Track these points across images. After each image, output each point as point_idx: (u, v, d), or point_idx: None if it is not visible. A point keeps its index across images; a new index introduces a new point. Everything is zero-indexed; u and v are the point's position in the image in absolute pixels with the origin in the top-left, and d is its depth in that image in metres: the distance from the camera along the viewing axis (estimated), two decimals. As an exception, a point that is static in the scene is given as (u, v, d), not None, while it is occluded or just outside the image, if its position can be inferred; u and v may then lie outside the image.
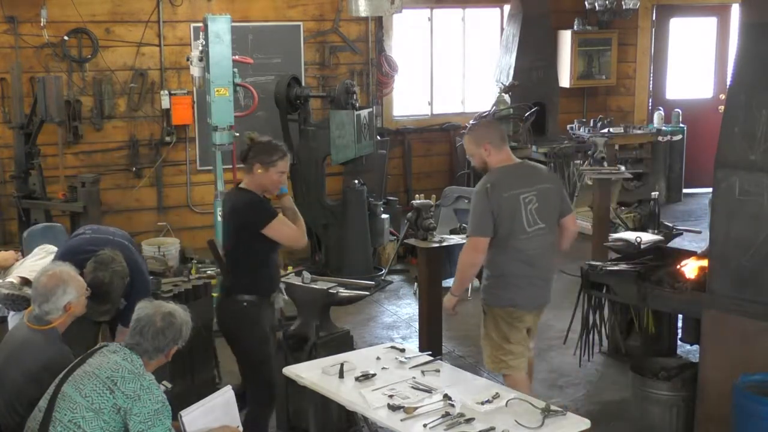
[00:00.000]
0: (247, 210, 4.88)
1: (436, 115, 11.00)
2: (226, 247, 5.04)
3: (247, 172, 4.94)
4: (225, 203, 5.08)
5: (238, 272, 4.94)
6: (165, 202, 9.29)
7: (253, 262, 4.91)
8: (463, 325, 7.60)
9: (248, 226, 4.86)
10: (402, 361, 4.65)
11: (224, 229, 5.05)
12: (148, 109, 9.11)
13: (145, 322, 3.87)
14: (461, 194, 8.92)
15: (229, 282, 4.99)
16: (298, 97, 8.81)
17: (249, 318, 4.89)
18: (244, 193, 4.93)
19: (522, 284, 4.97)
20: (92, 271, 4.61)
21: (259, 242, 4.85)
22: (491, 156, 5.02)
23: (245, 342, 4.95)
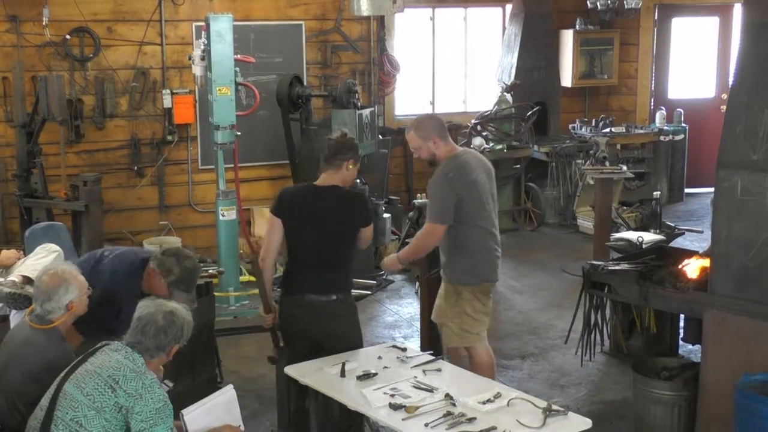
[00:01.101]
0: (363, 206, 4.93)
1: (438, 114, 10.97)
2: (321, 245, 4.83)
3: (336, 170, 4.86)
4: (325, 200, 4.85)
5: (347, 272, 4.93)
6: (166, 201, 9.29)
7: (351, 260, 4.94)
8: (464, 325, 7.60)
9: (360, 222, 4.87)
10: (403, 360, 4.66)
11: (323, 226, 4.82)
12: (149, 108, 9.11)
13: (147, 320, 3.87)
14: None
15: (335, 282, 4.86)
16: (300, 97, 8.81)
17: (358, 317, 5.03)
18: (346, 189, 4.90)
19: (492, 258, 5.38)
20: (176, 264, 4.63)
21: (355, 240, 4.90)
22: (440, 148, 5.27)
23: (358, 340, 4.99)
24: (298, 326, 4.84)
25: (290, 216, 4.85)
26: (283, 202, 4.91)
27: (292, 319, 4.85)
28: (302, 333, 4.84)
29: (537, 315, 7.83)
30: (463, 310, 5.37)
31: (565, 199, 10.60)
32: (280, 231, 4.87)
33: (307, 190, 4.97)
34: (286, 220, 4.86)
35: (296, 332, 4.86)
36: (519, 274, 8.98)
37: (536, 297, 8.31)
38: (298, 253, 4.90)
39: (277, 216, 4.88)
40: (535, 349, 7.03)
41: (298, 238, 4.87)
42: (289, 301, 4.88)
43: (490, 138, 10.43)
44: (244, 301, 7.85)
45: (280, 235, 4.87)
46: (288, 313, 4.88)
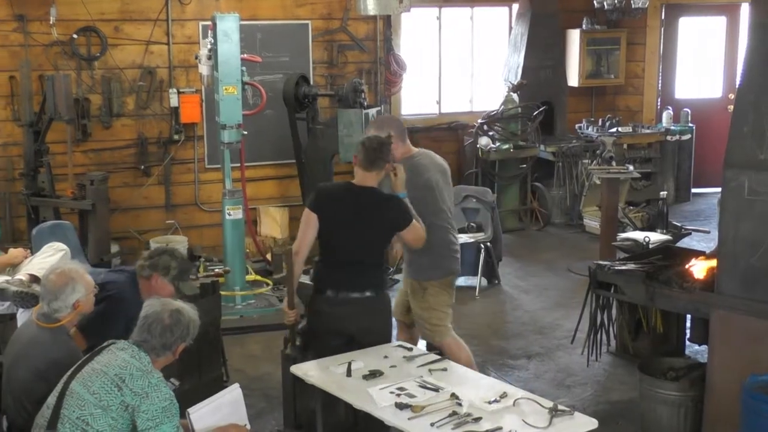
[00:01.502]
0: (401, 208, 4.92)
1: (444, 114, 11.00)
2: (357, 243, 4.84)
3: (378, 171, 4.87)
4: (363, 199, 4.85)
5: (380, 270, 4.96)
6: (173, 200, 9.30)
7: (384, 257, 5.00)
8: (470, 324, 7.60)
9: (397, 224, 4.89)
10: (409, 359, 4.65)
11: (361, 225, 4.81)
12: (156, 107, 9.12)
13: (153, 319, 3.87)
14: (469, 193, 8.91)
15: (370, 278, 4.89)
16: (306, 96, 8.81)
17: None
18: (382, 192, 4.92)
19: (453, 252, 5.52)
20: (171, 259, 4.70)
21: (389, 239, 4.99)
22: (398, 149, 5.36)
23: (389, 334, 5.04)
24: (332, 323, 4.83)
25: (328, 213, 4.84)
26: (322, 198, 4.89)
27: (326, 316, 4.84)
28: (336, 330, 4.84)
29: (543, 315, 7.82)
30: (430, 305, 5.49)
31: (572, 199, 10.60)
32: (315, 227, 4.84)
33: (346, 188, 4.95)
34: (323, 217, 4.84)
35: (330, 329, 4.84)
36: (525, 274, 8.97)
37: (542, 297, 8.30)
38: (332, 251, 4.89)
39: (314, 211, 4.85)
40: (541, 349, 7.02)
41: (335, 235, 4.85)
42: (322, 299, 4.86)
43: (496, 138, 10.43)
44: (250, 301, 7.86)
45: (315, 230, 4.85)
46: (321, 311, 4.87)
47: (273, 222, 9.35)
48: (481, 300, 8.29)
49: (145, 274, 4.68)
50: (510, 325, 7.63)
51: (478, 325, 7.62)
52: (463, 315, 7.77)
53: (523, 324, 7.63)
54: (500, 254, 8.84)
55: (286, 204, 9.51)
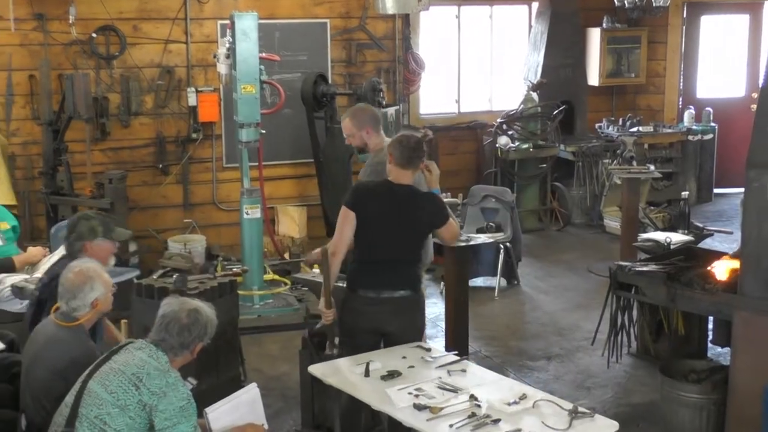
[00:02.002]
0: (439, 206, 4.94)
1: (463, 113, 10.97)
2: (395, 241, 4.84)
3: (414, 169, 4.88)
4: (401, 197, 4.83)
5: (417, 267, 4.96)
6: (191, 199, 9.32)
7: (421, 255, 4.98)
8: (489, 325, 7.58)
9: (435, 221, 4.90)
10: (428, 360, 4.64)
11: (399, 223, 4.82)
12: (174, 106, 9.14)
13: (171, 318, 3.88)
14: (488, 193, 8.90)
15: (408, 276, 4.89)
16: (325, 95, 8.81)
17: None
18: (419, 189, 4.93)
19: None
20: (87, 221, 4.86)
21: (426, 237, 5.00)
22: (372, 138, 5.64)
23: (422, 335, 5.03)
24: (368, 322, 4.81)
25: (366, 210, 4.81)
26: (360, 196, 4.87)
27: (363, 315, 4.82)
28: (372, 328, 4.83)
29: (563, 316, 7.79)
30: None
31: (592, 199, 10.56)
32: (353, 225, 4.81)
33: (383, 186, 4.92)
34: (361, 214, 4.81)
35: (366, 328, 4.83)
36: (545, 275, 8.94)
37: (562, 298, 8.28)
38: (370, 249, 4.86)
39: (351, 209, 4.81)
40: (561, 351, 7.00)
41: (372, 233, 4.82)
42: (359, 298, 4.84)
43: (516, 137, 10.40)
44: (267, 300, 7.86)
45: (353, 228, 4.81)
46: (358, 310, 4.84)
47: (291, 221, 9.35)
48: (501, 301, 8.26)
49: (78, 248, 4.77)
50: (529, 326, 7.60)
51: (497, 326, 7.60)
52: (482, 316, 7.76)
53: (542, 325, 7.60)
54: (520, 255, 8.82)
55: (304, 203, 9.51)
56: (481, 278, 8.70)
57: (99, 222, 4.89)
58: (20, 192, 8.59)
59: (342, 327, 4.94)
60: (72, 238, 4.80)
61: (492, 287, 8.42)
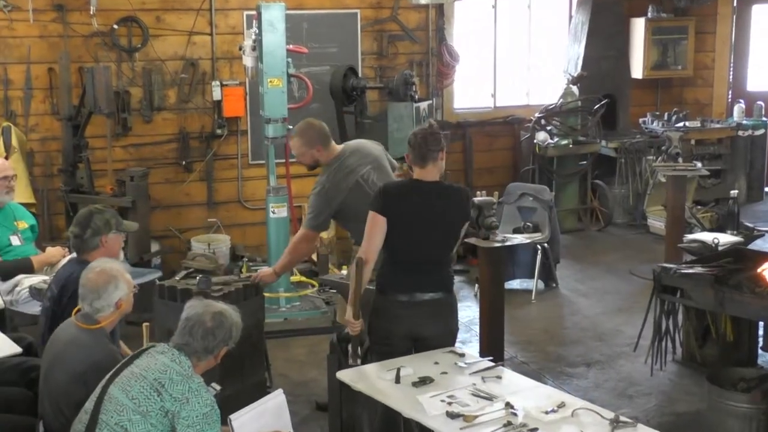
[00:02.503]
0: (468, 199, 4.97)
1: (500, 107, 10.95)
2: (428, 243, 4.83)
3: (434, 163, 4.82)
4: (431, 196, 4.82)
5: (449, 267, 4.97)
6: (215, 197, 9.37)
7: (453, 254, 5.00)
8: (526, 330, 7.56)
9: (465, 216, 4.95)
10: (461, 366, 4.63)
11: (431, 223, 4.80)
12: (198, 101, 9.20)
13: (195, 321, 3.90)
14: (525, 191, 8.87)
15: (441, 278, 4.90)
16: (355, 89, 8.83)
17: None
18: (448, 184, 4.95)
19: None
20: (101, 215, 4.97)
21: (458, 234, 4.97)
22: (322, 155, 5.78)
23: (456, 338, 5.05)
24: (403, 327, 4.81)
25: (397, 213, 4.79)
26: (389, 199, 4.83)
27: (396, 319, 4.82)
28: (407, 333, 4.82)
29: (604, 320, 7.76)
30: None
31: (635, 198, 10.52)
32: (383, 230, 4.77)
33: (412, 186, 4.89)
34: (392, 218, 4.78)
35: (400, 333, 4.82)
36: (585, 277, 8.91)
37: (603, 301, 8.24)
38: (401, 252, 4.85)
39: (380, 213, 4.78)
40: (601, 357, 6.97)
41: (405, 236, 4.80)
42: (392, 302, 4.83)
43: (554, 132, 10.36)
44: (294, 303, 7.89)
45: (383, 234, 4.78)
46: (391, 313, 4.83)
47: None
48: (538, 304, 8.24)
49: (95, 244, 4.90)
50: (568, 331, 7.57)
51: (534, 331, 7.58)
52: (519, 320, 7.74)
53: (582, 330, 7.57)
54: (558, 256, 8.79)
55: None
56: (518, 280, 8.68)
57: (110, 215, 5.04)
58: (39, 190, 8.69)
59: (375, 332, 4.93)
60: (88, 234, 4.88)
61: (529, 290, 8.40)
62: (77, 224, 4.97)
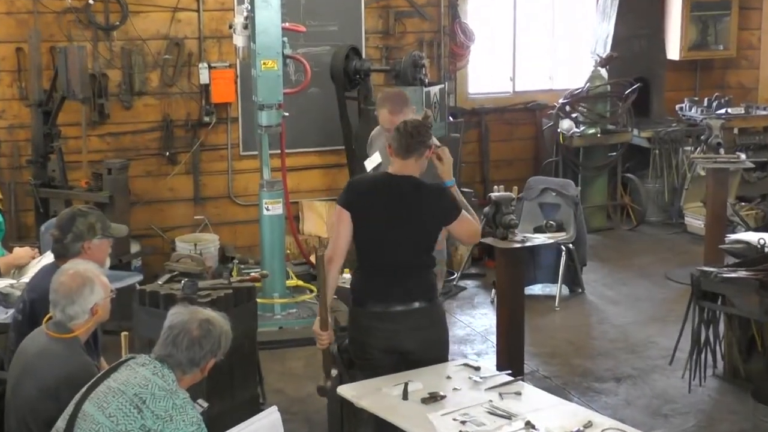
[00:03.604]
0: (448, 197, 4.91)
1: (520, 92, 10.93)
2: (400, 244, 4.85)
3: (417, 158, 4.86)
4: (402, 191, 4.84)
5: (429, 273, 4.94)
6: (203, 192, 9.37)
7: (433, 259, 4.94)
8: (549, 340, 7.56)
9: (444, 217, 4.87)
10: (477, 381, 4.63)
11: (402, 221, 4.83)
12: (184, 85, 9.20)
13: (179, 330, 3.89)
14: (548, 186, 8.87)
15: (418, 286, 4.88)
16: (358, 72, 8.82)
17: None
18: (422, 180, 4.89)
19: None
20: (84, 218, 4.93)
21: (436, 237, 4.92)
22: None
23: (448, 348, 5.04)
24: (382, 340, 4.83)
25: (362, 209, 4.85)
26: (354, 192, 4.91)
27: (375, 331, 4.84)
28: (388, 347, 4.84)
29: (635, 330, 7.76)
30: None
31: (671, 193, 10.52)
32: (349, 226, 4.86)
33: (382, 180, 4.96)
34: (357, 214, 4.84)
35: (379, 347, 4.84)
36: (614, 282, 8.91)
37: (635, 309, 8.25)
38: (371, 255, 4.90)
39: (345, 208, 4.87)
40: (633, 371, 6.97)
41: (372, 235, 4.86)
42: (365, 314, 4.87)
43: (580, 120, 10.35)
44: (291, 309, 7.89)
45: (349, 231, 4.86)
46: (366, 326, 4.87)
47: (318, 218, 9.38)
48: (562, 312, 8.24)
49: (76, 250, 4.85)
50: (596, 342, 7.58)
51: (557, 342, 7.57)
52: (541, 329, 7.74)
53: (611, 341, 7.57)
54: (584, 258, 8.79)
55: (333, 197, 9.52)
56: (539, 285, 8.68)
57: (96, 218, 4.97)
58: (5, 184, 8.69)
59: (352, 345, 4.98)
60: (69, 238, 4.86)
61: (552, 296, 8.41)
62: (58, 227, 4.97)
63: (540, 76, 11.15)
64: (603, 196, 10.58)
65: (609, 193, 10.64)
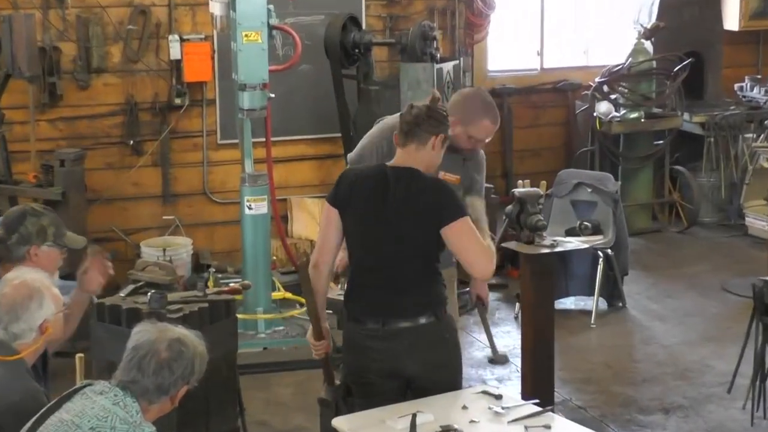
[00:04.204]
0: (445, 192, 4.81)
1: (548, 70, 10.95)
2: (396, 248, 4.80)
3: (419, 146, 4.82)
4: (400, 186, 4.79)
5: (435, 281, 4.88)
6: (173, 187, 9.37)
7: (437, 267, 4.88)
8: (583, 364, 7.56)
9: (439, 215, 4.74)
10: (498, 412, 4.62)
11: (398, 221, 4.77)
12: (150, 61, 9.19)
13: (146, 351, 3.88)
14: (582, 180, 8.85)
15: (421, 298, 4.83)
16: (357, 45, 8.82)
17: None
18: (426, 174, 4.83)
19: None
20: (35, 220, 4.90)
21: (441, 240, 4.78)
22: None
23: (460, 371, 5.02)
24: (381, 363, 4.80)
25: (352, 206, 4.82)
26: (344, 187, 4.88)
27: (372, 353, 4.81)
28: (388, 371, 4.81)
29: (687, 351, 7.76)
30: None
31: (728, 189, 10.52)
32: (337, 226, 4.85)
33: (378, 173, 4.90)
34: (346, 212, 4.83)
35: (378, 370, 4.81)
36: (661, 294, 8.93)
37: (685, 326, 8.25)
38: (366, 261, 4.87)
39: (333, 206, 4.87)
40: (684, 400, 6.96)
41: (365, 237, 4.84)
42: (360, 331, 4.84)
43: (621, 103, 10.35)
44: (277, 327, 7.89)
45: (338, 231, 4.86)
46: (361, 346, 4.84)
47: (310, 218, 9.37)
48: (599, 330, 8.23)
49: (20, 255, 4.80)
50: (640, 366, 7.58)
51: (594, 365, 7.56)
52: (574, 349, 7.73)
53: (658, 364, 7.58)
54: (626, 266, 8.78)
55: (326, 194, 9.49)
56: (572, 298, 8.67)
57: (50, 221, 4.93)
58: (-60, 178, 8.71)
59: (347, 367, 4.97)
60: (14, 239, 4.84)
61: (587, 311, 8.42)
62: (3, 224, 4.95)
63: (573, 51, 11.18)
64: (647, 192, 10.58)
65: (655, 188, 10.65)
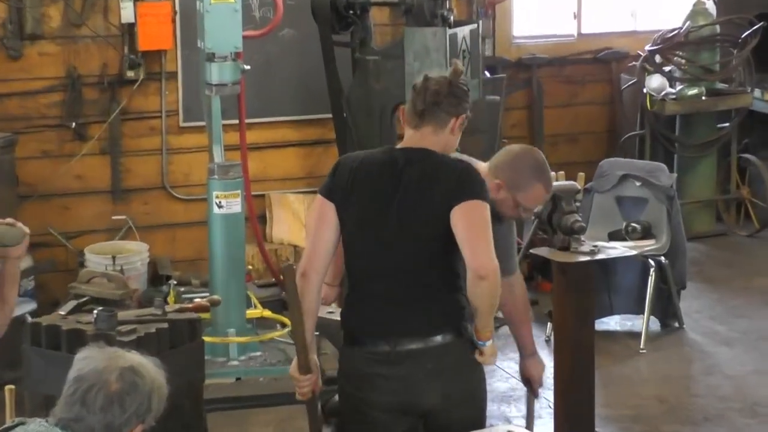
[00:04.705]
0: (467, 173, 4.78)
1: (587, 36, 10.98)
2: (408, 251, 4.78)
3: (437, 127, 4.83)
4: (412, 172, 4.79)
5: (455, 290, 4.81)
6: (125, 181, 9.38)
7: (459, 272, 4.78)
8: (631, 397, 7.58)
9: (452, 196, 4.69)
10: (527, 457, 4.65)
11: (411, 217, 4.76)
12: (98, 25, 9.19)
13: (91, 382, 3.88)
14: (630, 172, 8.85)
15: (438, 311, 4.80)
16: (352, 5, 8.82)
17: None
18: (445, 156, 4.82)
19: None
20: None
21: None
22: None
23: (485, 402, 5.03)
24: (388, 394, 4.77)
25: (355, 199, 4.81)
26: (342, 176, 4.86)
27: (376, 382, 4.78)
28: (398, 405, 4.79)
29: (759, 383, 7.80)
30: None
31: (809, 183, 10.53)
32: (333, 225, 4.82)
33: (385, 158, 4.89)
34: (347, 207, 4.80)
35: (385, 405, 4.79)
36: (727, 312, 8.96)
37: (757, 352, 8.30)
38: (369, 268, 4.86)
39: (329, 199, 4.84)
40: (755, 441, 7.00)
41: (371, 236, 4.82)
42: (362, 356, 4.82)
43: (677, 76, 10.36)
44: (254, 353, 7.89)
45: (333, 231, 4.82)
46: (364, 374, 4.82)
47: (293, 219, 9.39)
48: (650, 355, 8.24)
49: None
50: (701, 400, 7.61)
51: (643, 399, 7.58)
52: (619, 381, 7.75)
53: (722, 399, 7.61)
54: (683, 278, 8.78)
55: (314, 188, 9.52)
56: (617, 317, 8.68)
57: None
58: None
59: (344, 402, 4.96)
60: None
61: (636, 333, 8.45)
62: None
63: (617, 12, 11.20)
64: (710, 187, 10.61)
65: (719, 182, 10.66)
